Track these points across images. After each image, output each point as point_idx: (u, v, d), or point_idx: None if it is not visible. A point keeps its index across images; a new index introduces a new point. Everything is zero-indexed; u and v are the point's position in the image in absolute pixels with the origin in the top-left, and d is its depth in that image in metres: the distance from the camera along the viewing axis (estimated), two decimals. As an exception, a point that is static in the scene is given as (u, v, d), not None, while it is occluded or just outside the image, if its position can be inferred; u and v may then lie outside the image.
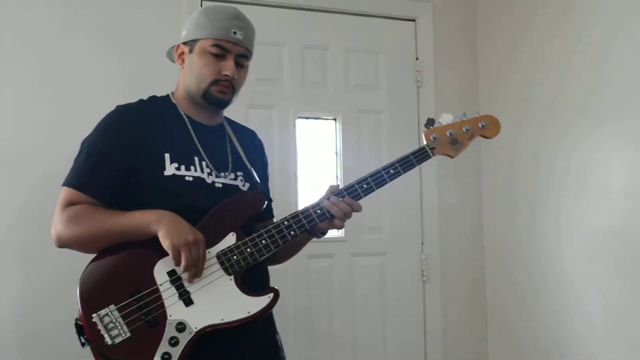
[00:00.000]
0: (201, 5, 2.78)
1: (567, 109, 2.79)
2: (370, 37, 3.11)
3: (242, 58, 1.74)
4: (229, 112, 2.80)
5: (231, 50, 1.71)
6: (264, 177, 1.91)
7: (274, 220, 1.91)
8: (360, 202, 3.01)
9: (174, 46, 1.77)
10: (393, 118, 3.09)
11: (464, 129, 1.83)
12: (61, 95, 2.59)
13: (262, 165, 1.91)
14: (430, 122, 1.83)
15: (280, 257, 1.85)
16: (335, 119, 3.05)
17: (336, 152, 3.05)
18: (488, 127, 1.88)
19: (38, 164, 2.49)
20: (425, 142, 1.82)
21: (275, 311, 2.91)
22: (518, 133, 3.05)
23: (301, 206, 2.90)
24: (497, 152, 3.19)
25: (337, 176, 3.02)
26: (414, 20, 3.18)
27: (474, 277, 3.24)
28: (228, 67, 1.70)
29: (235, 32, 1.70)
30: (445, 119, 1.82)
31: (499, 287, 3.19)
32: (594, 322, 2.65)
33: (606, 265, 2.60)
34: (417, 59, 3.17)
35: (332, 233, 2.98)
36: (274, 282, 2.83)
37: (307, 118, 3.01)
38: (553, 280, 2.85)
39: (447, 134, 1.82)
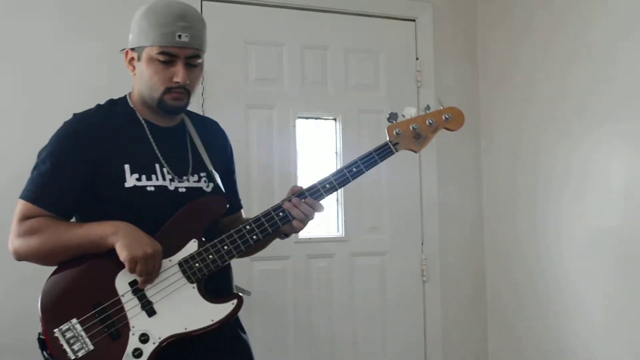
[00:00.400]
0: (201, 5, 2.78)
1: (567, 108, 2.79)
2: (370, 37, 3.11)
3: (193, 59, 1.64)
4: (228, 112, 2.81)
5: (179, 55, 1.61)
6: (229, 170, 1.87)
7: (242, 212, 1.89)
8: (362, 202, 3.04)
9: (123, 49, 1.70)
10: (393, 118, 3.09)
11: (427, 122, 1.78)
12: (59, 95, 2.58)
13: (225, 159, 1.86)
14: (393, 117, 1.77)
15: (244, 254, 1.81)
16: (335, 119, 3.05)
17: (336, 152, 3.05)
18: (452, 120, 1.81)
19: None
20: (388, 138, 1.77)
21: (276, 311, 2.93)
22: (518, 133, 3.05)
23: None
24: (497, 151, 3.19)
25: (337, 176, 3.01)
26: (414, 20, 3.18)
27: (474, 277, 3.24)
28: (178, 74, 1.62)
29: (180, 36, 1.61)
30: (409, 112, 1.77)
31: (499, 287, 3.19)
32: (594, 322, 2.65)
33: (606, 265, 2.60)
34: (417, 59, 3.17)
35: (332, 233, 3.00)
36: (274, 281, 2.86)
37: (307, 118, 3.01)
38: (553, 280, 2.85)
39: (411, 128, 1.76)
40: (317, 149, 3.04)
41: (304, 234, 2.93)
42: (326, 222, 3.03)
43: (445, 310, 3.15)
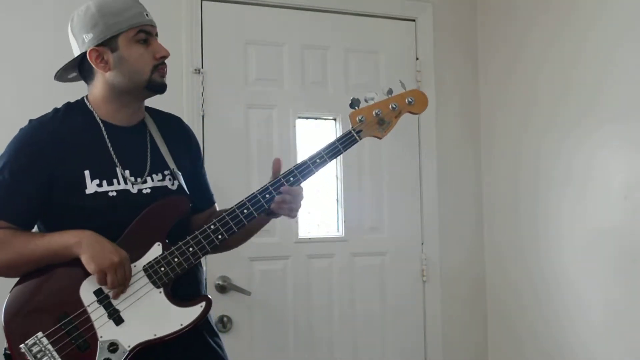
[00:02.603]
0: (201, 6, 2.78)
1: (569, 109, 2.78)
2: (370, 37, 3.11)
3: (157, 35, 1.70)
4: (228, 112, 2.81)
5: (152, 33, 1.67)
6: (197, 165, 1.85)
7: (216, 206, 1.86)
8: (362, 202, 3.04)
9: (67, 63, 1.68)
10: (393, 118, 3.09)
11: (390, 107, 1.74)
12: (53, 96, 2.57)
13: (190, 154, 1.83)
14: (355, 102, 1.73)
15: (228, 246, 1.82)
16: (335, 119, 3.05)
17: (336, 152, 3.04)
18: (415, 103, 1.77)
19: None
20: (351, 125, 1.73)
21: (276, 311, 2.93)
22: (519, 133, 3.05)
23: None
24: (497, 152, 3.19)
25: (337, 176, 3.02)
26: (414, 20, 3.18)
27: (474, 277, 3.23)
28: (160, 49, 1.66)
29: (147, 14, 1.66)
30: (371, 97, 1.74)
31: (499, 287, 3.18)
32: (594, 322, 2.65)
33: (606, 265, 2.60)
34: (417, 59, 3.17)
35: (332, 233, 3.00)
36: (274, 281, 2.85)
37: (307, 118, 3.01)
38: (553, 280, 2.85)
39: (374, 114, 1.72)
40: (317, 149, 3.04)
41: (304, 233, 2.94)
42: (326, 222, 3.03)
43: (445, 310, 3.15)
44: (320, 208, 3.01)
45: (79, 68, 1.71)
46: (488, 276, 3.24)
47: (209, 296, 1.65)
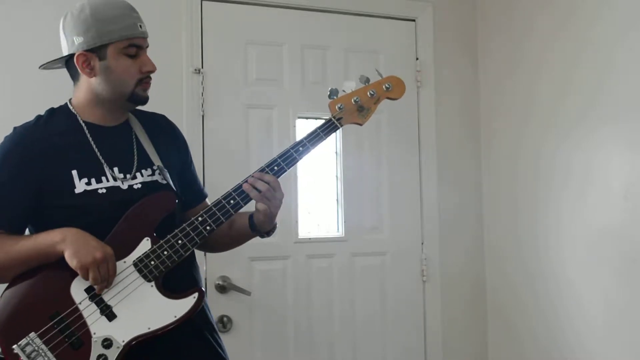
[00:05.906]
0: (201, 6, 2.78)
1: (568, 109, 2.79)
2: (370, 37, 3.11)
3: (147, 48, 1.69)
4: (228, 112, 2.81)
5: (143, 46, 1.66)
6: (185, 161, 1.86)
7: (208, 201, 1.87)
8: (362, 202, 3.04)
9: (68, 55, 1.67)
10: (393, 118, 3.09)
11: (368, 93, 1.79)
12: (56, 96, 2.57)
13: (177, 151, 1.84)
14: (333, 92, 1.78)
15: (215, 247, 1.83)
16: (335, 119, 3.04)
17: (336, 152, 3.05)
18: (392, 89, 1.83)
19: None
20: (330, 113, 1.77)
21: (276, 311, 2.93)
22: (519, 133, 3.05)
23: (301, 207, 2.92)
24: (497, 152, 3.19)
25: (337, 176, 3.02)
26: (414, 20, 3.18)
27: (474, 277, 3.23)
28: (148, 63, 1.66)
29: (140, 26, 1.65)
30: (349, 86, 1.78)
31: (499, 287, 3.18)
32: (594, 322, 2.66)
33: (606, 265, 2.60)
34: (417, 59, 3.17)
35: (332, 233, 3.00)
36: (274, 281, 2.86)
37: (307, 118, 3.00)
38: (553, 280, 2.85)
39: (352, 101, 1.78)
40: (317, 148, 3.03)
41: (304, 233, 2.94)
42: (326, 222, 3.03)
43: (445, 310, 3.15)
44: (320, 208, 3.01)
45: (67, 65, 1.72)
46: (488, 276, 3.24)
47: (202, 287, 1.66)
